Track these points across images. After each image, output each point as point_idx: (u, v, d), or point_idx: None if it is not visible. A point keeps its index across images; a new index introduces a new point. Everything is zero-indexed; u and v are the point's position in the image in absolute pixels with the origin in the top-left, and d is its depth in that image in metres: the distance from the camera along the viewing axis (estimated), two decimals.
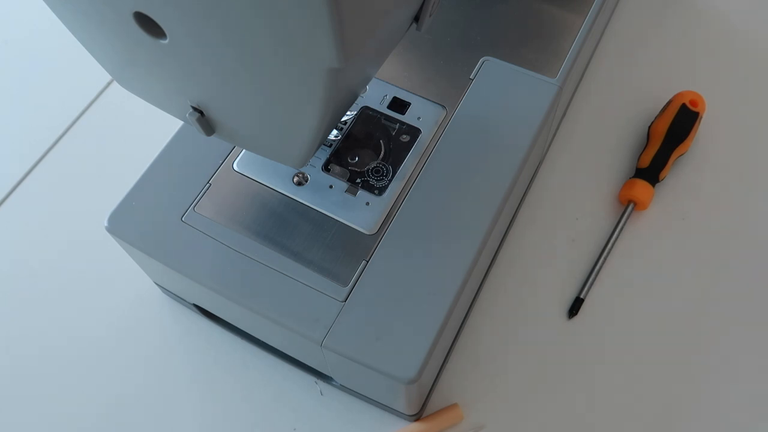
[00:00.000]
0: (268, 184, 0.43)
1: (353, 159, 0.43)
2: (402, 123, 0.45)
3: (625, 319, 0.49)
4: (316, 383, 0.47)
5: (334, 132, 0.44)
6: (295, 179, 0.43)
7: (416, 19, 0.35)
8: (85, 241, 0.53)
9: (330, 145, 0.44)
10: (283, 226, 0.41)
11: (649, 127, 0.55)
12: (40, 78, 0.63)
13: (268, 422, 0.46)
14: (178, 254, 0.40)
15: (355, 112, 0.45)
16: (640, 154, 0.54)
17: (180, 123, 0.44)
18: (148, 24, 0.29)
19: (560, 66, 0.47)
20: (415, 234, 0.40)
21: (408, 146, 0.44)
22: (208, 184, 0.43)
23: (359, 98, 0.46)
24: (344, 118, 0.45)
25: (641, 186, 0.52)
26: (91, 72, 0.55)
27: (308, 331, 0.38)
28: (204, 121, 0.35)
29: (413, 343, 0.37)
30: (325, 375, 0.45)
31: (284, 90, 0.30)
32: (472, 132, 0.44)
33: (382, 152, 0.44)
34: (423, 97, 0.46)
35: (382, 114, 0.45)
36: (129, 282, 0.51)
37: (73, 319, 0.50)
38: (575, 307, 0.49)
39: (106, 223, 0.41)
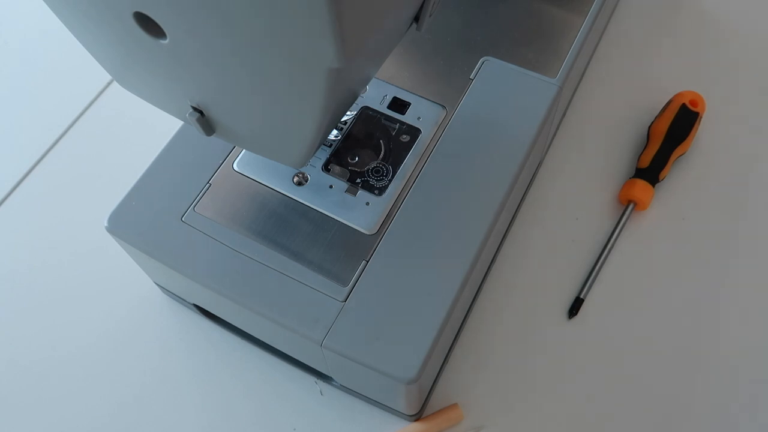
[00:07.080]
0: (268, 184, 0.43)
1: (353, 159, 0.43)
2: (402, 123, 0.45)
3: (625, 319, 0.49)
4: (316, 383, 0.47)
5: (334, 132, 0.44)
6: (295, 179, 0.43)
7: (416, 19, 0.35)
8: (85, 242, 0.53)
9: (330, 145, 0.44)
10: (283, 226, 0.41)
11: (649, 127, 0.55)
12: (40, 78, 0.63)
13: (268, 422, 0.46)
14: (178, 254, 0.40)
15: (355, 112, 0.45)
16: (640, 154, 0.54)
17: (180, 123, 0.44)
18: (148, 24, 0.29)
19: (560, 66, 0.47)
20: (415, 234, 0.40)
21: (408, 146, 0.44)
22: (208, 184, 0.43)
23: (359, 98, 0.46)
24: (344, 118, 0.45)
25: (641, 186, 0.52)
26: (91, 72, 0.55)
27: (308, 331, 0.38)
28: (204, 121, 0.35)
29: (413, 343, 0.37)
30: (325, 375, 0.45)
31: (284, 90, 0.30)
32: (472, 132, 0.44)
33: (382, 152, 0.44)
34: (423, 97, 0.46)
35: (382, 114, 0.45)
36: (129, 282, 0.51)
37: (73, 320, 0.50)
38: (575, 307, 0.49)
39: (106, 223, 0.41)
